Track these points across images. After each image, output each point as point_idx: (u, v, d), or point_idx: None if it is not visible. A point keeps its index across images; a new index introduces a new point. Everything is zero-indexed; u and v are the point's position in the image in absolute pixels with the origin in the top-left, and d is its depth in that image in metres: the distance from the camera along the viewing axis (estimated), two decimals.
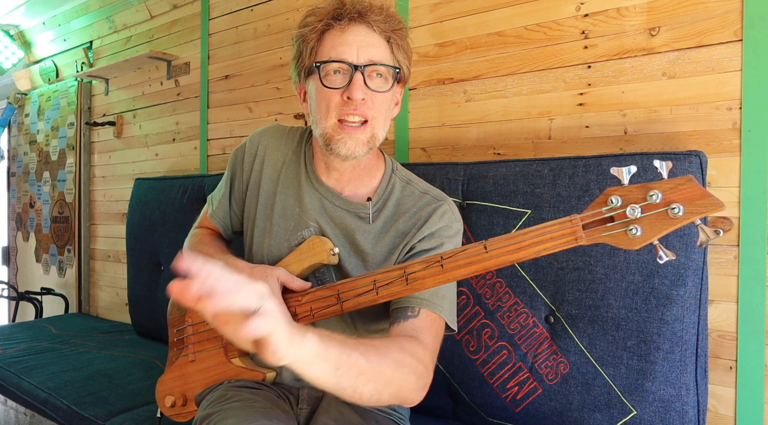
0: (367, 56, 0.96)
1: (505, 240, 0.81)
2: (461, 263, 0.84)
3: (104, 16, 2.94)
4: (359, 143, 0.97)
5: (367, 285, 0.91)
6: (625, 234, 0.74)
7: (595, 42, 1.40)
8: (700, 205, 0.70)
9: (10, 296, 3.35)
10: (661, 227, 0.72)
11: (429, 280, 0.86)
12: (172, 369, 1.14)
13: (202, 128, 2.44)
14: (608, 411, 1.15)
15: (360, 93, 0.94)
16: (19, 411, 1.86)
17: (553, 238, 0.78)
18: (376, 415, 1.08)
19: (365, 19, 0.97)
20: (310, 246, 1.02)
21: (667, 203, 0.71)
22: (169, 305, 1.20)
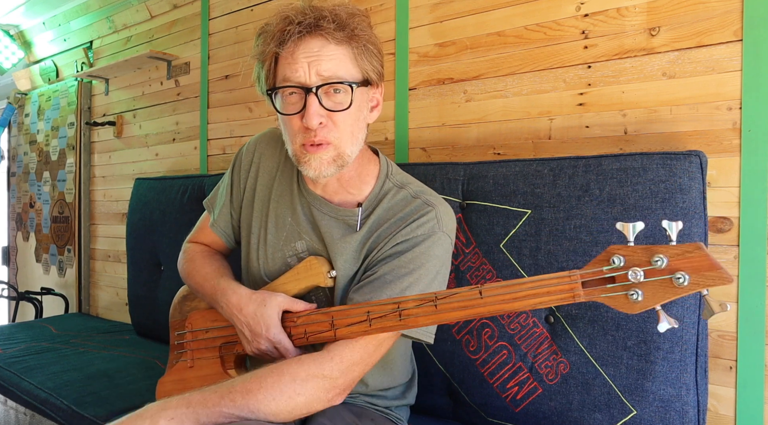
0: (319, 73, 0.89)
1: (502, 288, 0.79)
2: (455, 306, 0.82)
3: (104, 16, 2.94)
4: (324, 162, 0.93)
5: (361, 315, 0.89)
6: (625, 297, 0.71)
7: (595, 42, 1.40)
8: (707, 277, 0.66)
9: (10, 296, 3.35)
10: (663, 295, 0.69)
11: (422, 319, 0.85)
12: (171, 372, 1.15)
13: (202, 128, 2.44)
14: (608, 411, 1.15)
15: (315, 119, 0.89)
16: (19, 411, 1.86)
17: (550, 292, 0.76)
18: (372, 413, 1.08)
19: (317, 32, 0.89)
20: (307, 267, 1.01)
21: (672, 271, 0.68)
22: (172, 307, 1.21)
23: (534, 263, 1.26)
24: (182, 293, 1.20)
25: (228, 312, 1.02)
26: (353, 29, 0.91)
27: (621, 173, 1.19)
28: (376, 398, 1.11)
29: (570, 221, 1.23)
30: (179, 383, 1.12)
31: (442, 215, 0.98)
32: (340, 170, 0.96)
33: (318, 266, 1.00)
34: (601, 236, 1.19)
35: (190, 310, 1.16)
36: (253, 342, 0.98)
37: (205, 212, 1.24)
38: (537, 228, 1.26)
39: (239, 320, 0.99)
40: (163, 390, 1.14)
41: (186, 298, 1.19)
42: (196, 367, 1.11)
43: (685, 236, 1.12)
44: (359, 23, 0.92)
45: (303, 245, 1.05)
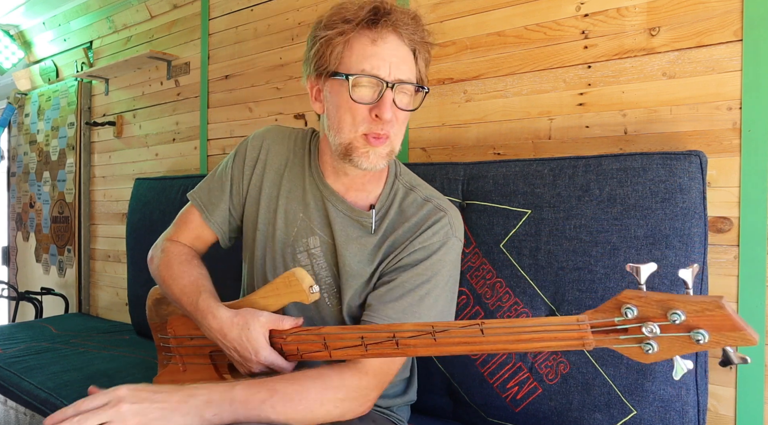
0: (397, 74, 0.92)
1: (505, 328, 0.76)
2: (455, 340, 0.79)
3: (104, 16, 2.94)
4: (380, 156, 0.95)
5: (355, 340, 0.86)
6: (639, 349, 0.67)
7: (595, 42, 1.40)
8: (729, 337, 0.61)
9: (10, 296, 3.35)
10: (680, 349, 0.65)
11: (422, 350, 0.82)
12: (165, 373, 1.13)
13: (202, 128, 2.44)
14: (608, 411, 1.15)
15: (389, 113, 0.91)
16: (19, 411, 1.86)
17: (557, 338, 0.72)
18: (372, 414, 1.08)
19: (396, 30, 0.92)
20: (286, 283, 0.95)
21: (690, 329, 0.63)
22: (147, 308, 1.17)
23: (534, 263, 1.26)
24: (154, 295, 1.16)
25: (210, 336, 0.99)
26: (422, 36, 0.96)
27: (621, 173, 1.19)
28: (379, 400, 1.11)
29: (570, 221, 1.23)
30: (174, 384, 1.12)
31: (454, 220, 1.02)
32: (386, 165, 0.98)
33: (297, 283, 0.95)
34: (600, 236, 1.19)
35: (167, 314, 1.12)
36: (244, 366, 0.96)
37: (188, 205, 1.18)
38: (537, 228, 1.26)
39: (225, 345, 0.97)
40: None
41: (160, 301, 1.15)
42: (189, 371, 1.09)
43: (685, 236, 1.12)
44: (425, 32, 0.96)
45: (316, 241, 1.05)
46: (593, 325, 0.70)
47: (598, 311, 0.70)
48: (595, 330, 0.70)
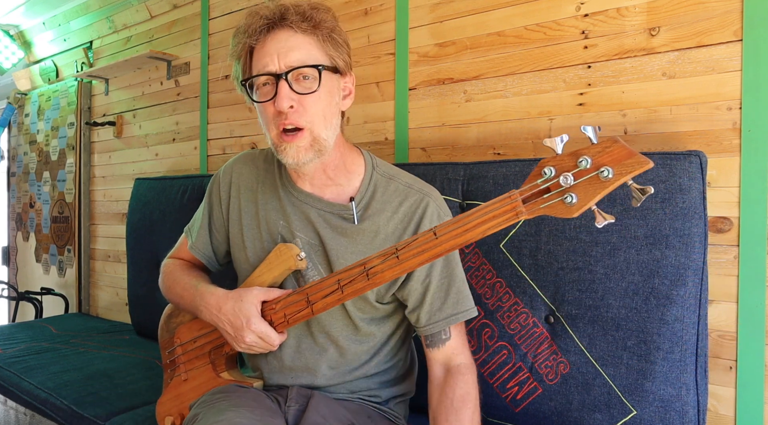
0: (288, 62, 0.94)
1: (453, 224, 0.83)
2: (415, 251, 0.86)
3: (104, 16, 2.94)
4: (301, 150, 0.96)
5: (332, 285, 0.93)
6: (561, 203, 0.75)
7: (595, 42, 1.40)
8: (627, 165, 0.70)
9: (10, 296, 3.35)
10: (594, 192, 0.73)
11: (388, 272, 0.89)
12: (168, 391, 1.17)
13: (202, 128, 2.44)
14: (608, 411, 1.15)
15: (286, 102, 0.93)
16: (19, 411, 1.86)
17: (495, 216, 0.79)
18: (369, 410, 1.08)
19: (284, 24, 0.96)
20: (277, 255, 1.03)
21: (597, 167, 0.72)
22: (159, 328, 1.22)
23: (534, 263, 1.26)
24: (167, 312, 1.22)
25: (208, 315, 1.05)
26: (317, 20, 0.97)
27: None
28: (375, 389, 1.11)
29: (569, 221, 1.23)
30: (176, 398, 1.15)
31: (438, 201, 1.07)
32: (320, 156, 0.99)
33: (287, 250, 1.03)
34: (600, 236, 1.19)
35: (176, 326, 1.18)
36: (237, 338, 1.01)
37: (182, 236, 1.25)
38: (537, 228, 1.26)
39: (220, 319, 1.02)
40: (162, 411, 1.17)
41: (171, 316, 1.21)
42: (190, 379, 1.13)
43: (685, 235, 1.12)
44: (323, 15, 0.98)
45: (297, 243, 1.06)
46: (522, 193, 0.78)
47: (525, 184, 0.78)
48: (525, 198, 0.78)
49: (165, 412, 1.16)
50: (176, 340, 1.16)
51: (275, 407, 1.02)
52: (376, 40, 1.81)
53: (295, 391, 1.06)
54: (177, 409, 1.14)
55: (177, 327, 1.18)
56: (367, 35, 1.83)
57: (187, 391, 1.13)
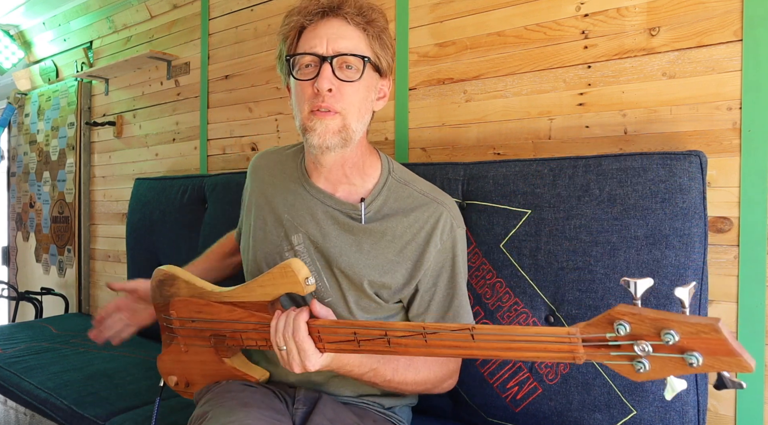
0: (336, 47, 0.97)
1: (495, 336, 0.75)
2: (446, 343, 0.80)
3: (104, 16, 2.94)
4: (329, 131, 0.97)
5: (348, 336, 0.87)
6: (630, 367, 0.65)
7: (595, 42, 1.40)
8: (724, 362, 0.59)
9: (10, 296, 3.35)
10: (672, 370, 0.63)
11: (413, 350, 0.83)
12: (169, 351, 1.16)
13: (202, 128, 2.44)
14: (608, 411, 1.15)
15: (326, 83, 0.95)
16: (19, 411, 1.86)
17: (547, 350, 0.71)
18: (374, 415, 1.08)
19: (339, 13, 0.99)
20: (282, 273, 0.96)
21: (683, 350, 0.61)
22: (150, 289, 1.17)
23: (534, 263, 1.26)
24: (159, 277, 1.16)
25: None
26: (371, 18, 1.00)
27: (621, 173, 1.19)
28: (379, 397, 1.11)
29: (570, 221, 1.23)
30: (178, 363, 1.14)
31: (453, 211, 1.07)
32: (344, 145, 0.99)
33: (293, 274, 0.94)
34: (600, 237, 1.19)
35: (170, 295, 1.13)
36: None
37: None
38: (537, 228, 1.26)
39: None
40: (164, 367, 1.17)
41: (163, 283, 1.15)
42: (191, 352, 1.11)
43: (685, 236, 1.12)
44: (377, 15, 1.02)
45: (299, 238, 1.07)
46: (585, 339, 0.68)
47: (591, 325, 0.68)
48: (587, 344, 0.68)
49: (167, 370, 1.17)
50: (173, 312, 1.11)
51: (283, 407, 1.02)
52: None
53: (303, 393, 1.07)
54: (180, 373, 1.15)
55: (171, 296, 1.13)
56: None
57: (188, 362, 1.12)
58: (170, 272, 1.13)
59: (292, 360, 0.89)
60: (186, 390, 1.16)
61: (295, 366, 0.89)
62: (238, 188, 1.33)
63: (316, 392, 1.07)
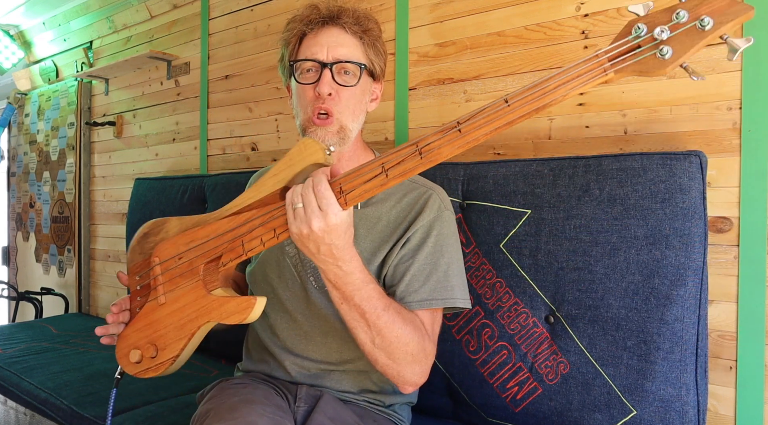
0: (335, 55, 1.04)
1: (527, 90, 0.77)
2: (481, 122, 0.78)
3: (104, 16, 2.94)
4: (328, 134, 1.04)
5: (375, 169, 0.81)
6: (654, 57, 0.70)
7: (595, 42, 1.40)
8: (729, 13, 0.66)
9: (10, 296, 3.35)
10: (691, 43, 0.68)
11: (446, 148, 0.79)
12: (135, 321, 1.00)
13: (202, 128, 2.44)
14: (608, 411, 1.15)
15: (327, 88, 1.03)
16: (19, 411, 1.86)
17: (580, 74, 0.73)
18: (374, 415, 1.08)
19: (338, 22, 1.06)
20: (301, 149, 0.87)
21: (696, 18, 0.67)
22: (130, 251, 1.06)
23: (534, 263, 1.26)
24: (143, 231, 1.06)
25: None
26: (367, 27, 1.08)
27: (621, 173, 1.19)
28: (379, 394, 1.11)
29: (570, 221, 1.23)
30: (148, 327, 0.98)
31: (441, 195, 1.12)
32: (342, 144, 1.06)
33: (313, 144, 0.87)
34: (600, 236, 1.19)
35: (153, 246, 1.02)
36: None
37: None
38: (537, 228, 1.26)
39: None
40: (125, 345, 1.01)
41: (147, 235, 1.04)
42: (170, 301, 0.97)
43: (685, 235, 1.12)
44: (372, 25, 1.09)
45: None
46: (608, 52, 0.72)
47: (612, 42, 0.72)
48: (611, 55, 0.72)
49: (129, 346, 1.00)
50: (154, 259, 0.99)
51: (285, 405, 1.03)
52: None
53: (305, 390, 1.07)
54: (147, 339, 0.98)
55: (155, 246, 1.02)
56: None
57: (164, 316, 0.97)
58: (159, 220, 1.03)
59: (311, 214, 0.81)
60: (153, 363, 0.98)
61: (315, 219, 0.81)
62: (238, 188, 1.32)
63: (318, 390, 1.08)
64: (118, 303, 1.02)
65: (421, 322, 0.99)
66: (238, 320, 0.90)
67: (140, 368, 0.98)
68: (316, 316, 1.10)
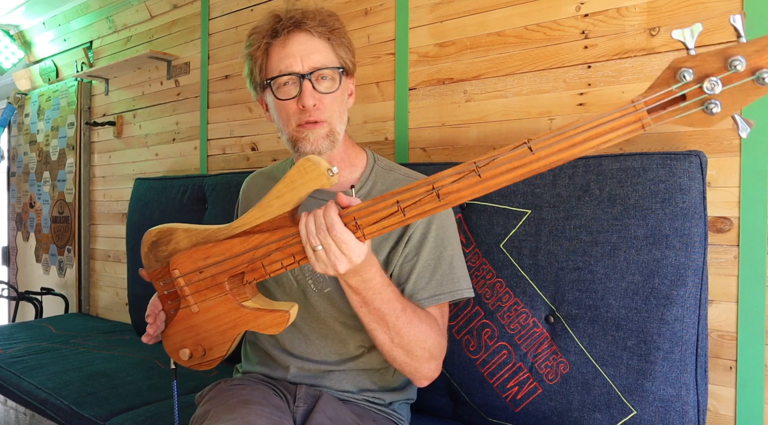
0: (310, 64, 1.01)
1: (554, 138, 0.70)
2: (503, 169, 0.72)
3: (104, 16, 2.94)
4: (320, 137, 1.03)
5: (390, 207, 0.79)
6: (701, 113, 0.62)
7: (595, 42, 1.40)
8: None
9: (10, 296, 3.35)
10: (745, 98, 0.60)
11: (466, 192, 0.75)
12: (174, 323, 1.03)
13: (202, 128, 2.44)
14: (608, 411, 1.15)
15: (311, 100, 1.01)
16: (19, 411, 1.86)
17: (614, 129, 0.66)
18: (373, 415, 1.09)
19: (303, 28, 1.02)
20: (301, 172, 0.86)
21: (754, 70, 0.58)
22: (143, 257, 1.05)
23: (534, 263, 1.26)
24: (151, 239, 1.04)
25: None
26: (332, 26, 1.05)
27: (621, 173, 1.19)
28: (379, 392, 1.11)
29: (570, 221, 1.23)
30: (190, 330, 1.02)
31: None
32: (333, 147, 1.05)
33: (314, 166, 0.84)
34: (600, 236, 1.19)
35: (168, 255, 1.02)
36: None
37: None
38: (537, 228, 1.26)
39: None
40: (173, 343, 1.05)
41: (157, 244, 1.04)
42: (203, 310, 0.99)
43: (685, 236, 1.12)
44: (335, 22, 1.06)
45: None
46: (648, 103, 0.64)
47: (652, 88, 0.64)
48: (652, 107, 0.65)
49: (177, 344, 1.04)
50: (174, 271, 1.00)
51: (284, 405, 1.03)
52: (376, 40, 1.81)
53: (304, 390, 1.08)
54: (193, 341, 1.02)
55: (169, 255, 1.02)
56: (367, 35, 1.83)
57: (202, 323, 1.00)
58: (164, 228, 1.01)
59: (334, 259, 0.81)
60: (204, 360, 1.04)
61: (339, 264, 0.82)
62: (238, 188, 1.32)
63: (317, 390, 1.08)
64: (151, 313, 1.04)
65: (434, 318, 1.01)
66: (275, 331, 0.95)
67: (193, 363, 1.05)
68: (314, 319, 1.10)
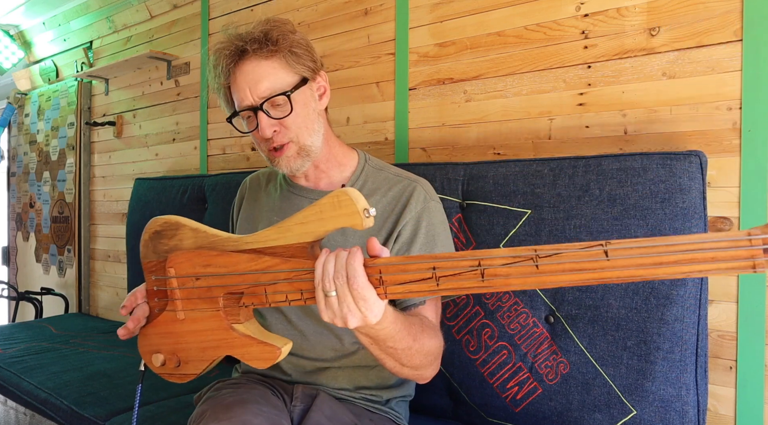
0: (259, 94, 1.01)
1: (638, 248, 0.59)
2: (567, 267, 0.62)
3: (104, 16, 2.94)
4: (291, 159, 1.06)
5: (424, 271, 0.71)
6: None
7: (595, 42, 1.40)
8: None
9: (10, 296, 3.35)
10: None
11: (516, 280, 0.66)
12: (156, 324, 0.95)
13: (202, 128, 2.44)
14: (608, 411, 1.15)
15: (268, 130, 1.02)
16: (19, 411, 1.86)
17: (716, 259, 0.55)
18: (370, 414, 1.08)
19: (245, 56, 1.02)
20: (335, 204, 0.77)
21: None
22: (142, 245, 0.97)
23: None
24: (153, 228, 0.96)
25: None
26: (275, 40, 1.01)
27: (621, 173, 1.19)
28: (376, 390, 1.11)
29: (570, 221, 1.23)
30: (169, 336, 0.93)
31: (426, 187, 1.12)
32: (309, 159, 1.08)
33: (350, 203, 0.76)
34: (601, 236, 1.19)
35: (168, 250, 0.94)
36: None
37: None
38: (537, 228, 1.26)
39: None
40: (148, 344, 0.96)
41: (160, 235, 0.95)
42: (189, 320, 0.91)
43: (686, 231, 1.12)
44: (277, 33, 1.02)
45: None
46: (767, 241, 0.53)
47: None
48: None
49: (152, 346, 0.95)
50: (170, 270, 0.92)
51: (281, 404, 1.03)
52: (376, 40, 1.81)
53: (301, 389, 1.08)
54: (170, 348, 0.93)
55: (169, 250, 0.94)
56: (367, 35, 1.83)
57: (185, 333, 0.91)
58: (171, 221, 0.94)
59: (347, 312, 0.74)
60: (176, 372, 0.94)
61: (351, 318, 0.74)
62: (238, 188, 1.32)
63: (314, 389, 1.08)
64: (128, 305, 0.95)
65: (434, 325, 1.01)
66: (260, 366, 0.86)
67: (164, 371, 0.96)
68: (309, 316, 1.10)
